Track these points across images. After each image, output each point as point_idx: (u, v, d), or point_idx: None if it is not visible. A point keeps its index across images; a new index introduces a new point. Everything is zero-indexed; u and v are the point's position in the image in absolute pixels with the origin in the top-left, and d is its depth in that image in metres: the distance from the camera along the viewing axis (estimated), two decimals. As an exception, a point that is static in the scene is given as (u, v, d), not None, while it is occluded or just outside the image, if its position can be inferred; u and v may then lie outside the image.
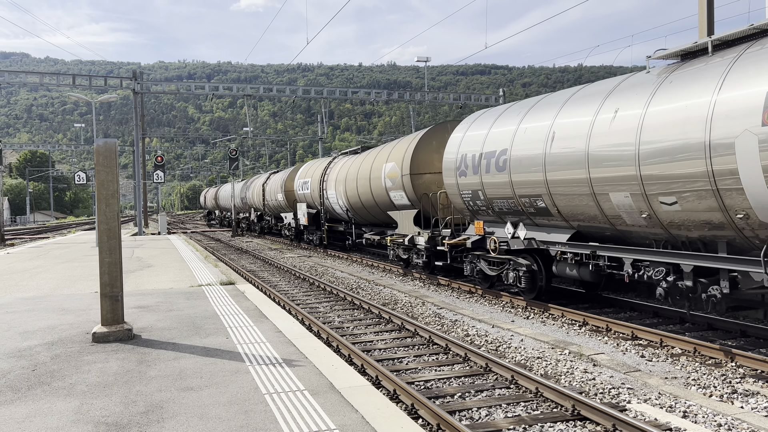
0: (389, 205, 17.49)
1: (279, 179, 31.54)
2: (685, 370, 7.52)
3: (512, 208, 11.60)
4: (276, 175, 33.94)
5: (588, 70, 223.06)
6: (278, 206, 31.94)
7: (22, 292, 11.76)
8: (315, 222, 25.99)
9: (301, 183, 27.08)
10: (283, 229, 32.43)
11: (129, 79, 31.53)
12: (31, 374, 6.00)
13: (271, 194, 32.89)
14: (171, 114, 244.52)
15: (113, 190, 7.40)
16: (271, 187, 33.19)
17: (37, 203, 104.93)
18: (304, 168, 28.27)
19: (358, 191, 19.54)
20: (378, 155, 18.43)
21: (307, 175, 26.49)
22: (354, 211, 20.84)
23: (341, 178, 21.41)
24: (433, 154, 15.70)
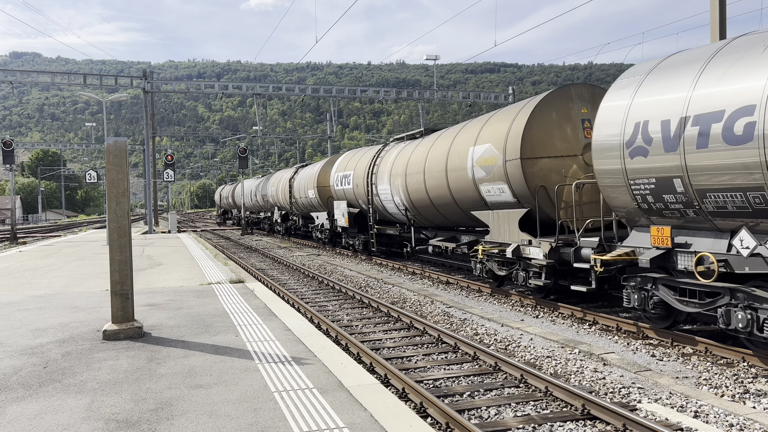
0: (476, 202, 13.24)
1: (310, 173, 27.24)
2: (697, 369, 7.46)
3: (755, 204, 7.10)
4: (306, 168, 29.78)
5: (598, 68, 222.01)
6: (308, 204, 27.87)
7: (34, 289, 11.86)
8: (358, 223, 21.92)
9: (340, 177, 22.78)
10: (313, 231, 28.15)
11: (139, 79, 31.70)
12: (42, 371, 6.04)
13: (300, 190, 28.66)
14: (181, 113, 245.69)
15: (123, 189, 7.44)
16: (300, 183, 29.02)
17: (48, 202, 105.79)
18: (343, 159, 23.70)
19: (425, 185, 15.21)
20: (458, 137, 14.13)
21: (349, 167, 22.09)
22: (416, 211, 16.59)
23: (399, 170, 17.08)
24: (553, 131, 11.38)
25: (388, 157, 18.59)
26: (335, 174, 23.64)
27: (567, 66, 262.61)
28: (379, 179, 18.75)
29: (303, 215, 30.70)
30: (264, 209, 40.34)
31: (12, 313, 9.30)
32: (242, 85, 33.86)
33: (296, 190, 29.73)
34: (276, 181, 35.08)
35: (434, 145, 15.35)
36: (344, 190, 22.32)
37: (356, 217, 21.85)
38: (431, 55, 40.18)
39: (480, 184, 12.77)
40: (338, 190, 23.12)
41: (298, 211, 30.99)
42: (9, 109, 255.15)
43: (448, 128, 16.35)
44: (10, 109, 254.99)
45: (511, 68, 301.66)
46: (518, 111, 11.98)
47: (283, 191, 32.42)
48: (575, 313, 10.63)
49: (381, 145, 21.18)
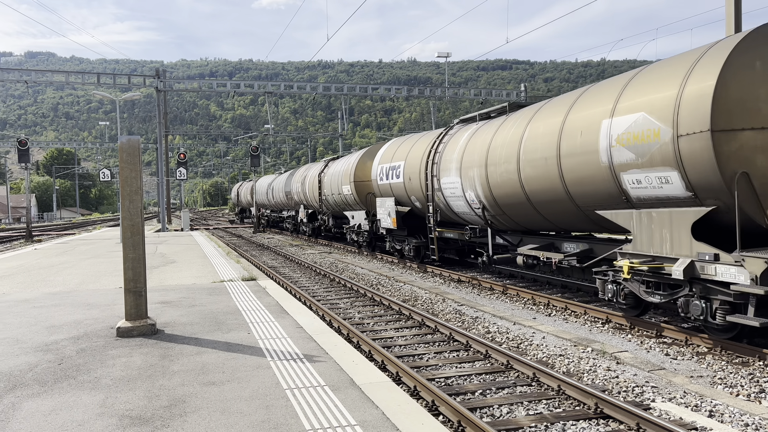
0: (609, 197, 9.53)
1: (344, 167, 23.77)
2: (711, 368, 7.39)
3: None
4: (338, 161, 26.15)
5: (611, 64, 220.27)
6: (341, 202, 24.44)
7: (49, 287, 11.98)
8: (408, 224, 18.52)
9: (386, 169, 19.28)
10: (348, 233, 24.52)
11: (152, 78, 31.90)
12: (57, 368, 6.10)
13: (332, 186, 25.26)
14: (193, 111, 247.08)
15: (137, 187, 7.49)
16: (331, 178, 25.51)
17: (63, 200, 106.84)
18: (389, 147, 19.98)
19: (520, 176, 11.58)
20: (577, 108, 10.23)
21: (397, 158, 18.47)
22: (499, 210, 13.03)
23: (473, 159, 13.53)
24: (759, 90, 7.67)
25: (455, 143, 14.81)
26: (378, 166, 19.96)
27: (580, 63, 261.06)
28: (443, 170, 15.06)
29: (334, 214, 27.24)
30: (288, 207, 36.68)
31: (27, 310, 9.40)
32: (254, 83, 33.97)
33: (326, 186, 26.33)
34: (302, 176, 31.62)
35: (533, 124, 11.50)
36: (391, 185, 18.74)
37: (406, 217, 18.43)
38: (443, 53, 40.08)
39: (623, 173, 8.98)
40: (383, 184, 19.43)
41: (329, 210, 27.36)
42: (24, 108, 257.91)
43: (550, 99, 12.16)
44: (26, 108, 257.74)
45: (523, 65, 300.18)
46: (695, 62, 8.11)
47: (311, 188, 29.06)
48: (588, 311, 10.57)
49: (442, 129, 17.24)
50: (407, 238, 18.63)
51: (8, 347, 6.99)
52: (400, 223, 18.47)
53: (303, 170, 32.67)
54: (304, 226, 32.74)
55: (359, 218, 22.66)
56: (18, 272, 14.76)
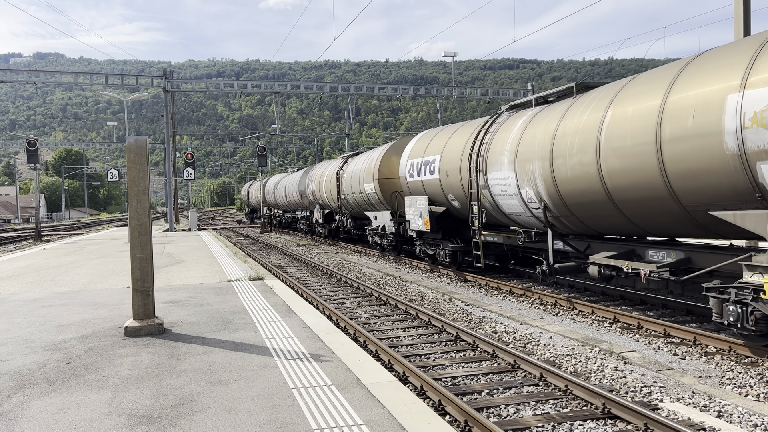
0: (732, 193, 7.72)
1: (366, 163, 21.73)
2: (720, 368, 7.35)
3: None
4: (359, 158, 24.17)
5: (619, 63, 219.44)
6: (363, 202, 22.41)
7: (58, 286, 12.05)
8: (442, 226, 16.31)
9: (417, 165, 17.01)
10: (370, 235, 22.26)
11: (160, 78, 32.03)
12: (65, 367, 6.13)
13: (352, 184, 23.17)
14: (201, 112, 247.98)
15: (144, 187, 7.52)
16: (351, 175, 23.47)
17: (72, 200, 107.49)
18: (420, 140, 17.82)
19: (600, 168, 9.64)
20: (682, 83, 8.38)
21: (432, 151, 16.29)
22: (565, 210, 11.05)
23: (533, 150, 11.52)
24: None
25: (506, 133, 12.69)
26: (408, 162, 17.75)
27: (587, 62, 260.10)
28: (491, 165, 12.90)
29: (354, 215, 25.06)
30: (302, 207, 34.69)
31: (36, 309, 9.46)
32: (261, 83, 34.05)
33: (346, 184, 24.15)
34: (318, 174, 29.45)
35: (617, 106, 9.50)
36: (423, 183, 16.55)
37: (439, 218, 16.22)
38: (449, 52, 40.03)
39: (760, 162, 7.14)
40: (413, 182, 17.27)
41: (348, 210, 25.27)
42: (33, 109, 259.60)
43: (634, 77, 10.11)
44: (34, 109, 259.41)
45: (530, 64, 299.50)
46: None
47: (328, 186, 26.98)
48: (596, 311, 10.53)
49: (486, 118, 14.77)
50: (441, 242, 16.46)
51: (17, 346, 7.03)
52: (433, 224, 16.24)
53: (319, 168, 30.43)
54: (319, 227, 30.76)
55: (383, 219, 20.68)
56: (27, 272, 14.85)
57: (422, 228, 16.81)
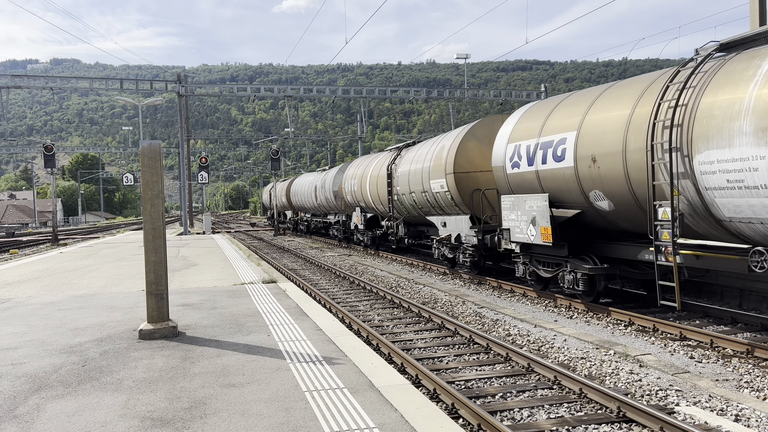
0: None
1: (433, 153, 17.02)
2: (737, 372, 7.25)
3: None
4: (419, 147, 19.28)
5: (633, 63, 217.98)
6: (426, 204, 17.78)
7: (74, 290, 12.18)
8: (568, 236, 11.36)
9: (524, 150, 12.24)
10: (437, 247, 17.49)
11: (174, 83, 32.30)
12: (81, 369, 6.19)
13: (410, 181, 18.60)
14: (215, 116, 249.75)
15: (158, 191, 7.58)
16: (409, 170, 18.84)
17: (88, 204, 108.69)
18: (527, 116, 12.81)
19: None
20: None
21: (556, 127, 11.37)
22: None
23: None
24: None
25: (738, 87, 7.78)
26: (508, 147, 12.80)
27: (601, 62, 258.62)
28: (703, 138, 8.08)
29: (409, 220, 20.59)
30: (336, 210, 30.41)
31: (53, 312, 9.56)
32: (274, 87, 34.21)
33: (401, 181, 19.51)
34: (359, 171, 24.81)
35: None
36: (540, 175, 11.64)
37: (563, 226, 11.30)
38: (462, 54, 39.99)
39: None
40: (518, 174, 12.46)
41: (401, 215, 20.69)
42: (50, 114, 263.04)
43: None
44: (51, 114, 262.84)
45: (543, 65, 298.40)
46: None
47: (374, 185, 22.28)
48: (611, 313, 10.44)
49: (673, 69, 9.25)
50: (568, 261, 11.30)
51: (34, 349, 7.11)
52: (557, 235, 11.30)
53: (360, 163, 25.86)
54: (359, 234, 26.00)
55: (458, 226, 15.93)
56: (44, 275, 15.03)
57: (534, 240, 11.91)
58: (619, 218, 10.22)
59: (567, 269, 11.39)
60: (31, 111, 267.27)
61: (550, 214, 11.42)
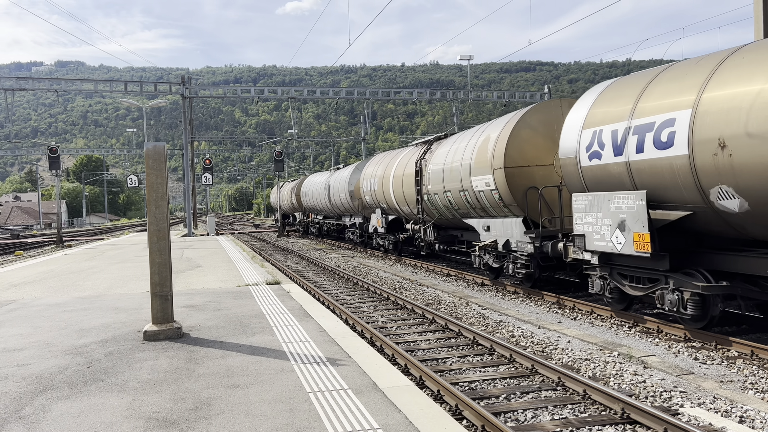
0: None
1: (475, 145, 14.46)
2: (742, 373, 7.23)
3: None
4: (456, 139, 16.47)
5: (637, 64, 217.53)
6: (464, 204, 15.28)
7: (79, 291, 12.22)
8: (674, 245, 9.17)
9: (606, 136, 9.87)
10: (479, 255, 14.90)
11: (178, 85, 32.38)
12: (86, 370, 6.22)
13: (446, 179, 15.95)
14: (218, 118, 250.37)
15: (162, 193, 7.61)
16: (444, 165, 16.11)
17: (92, 206, 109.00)
18: (606, 95, 10.43)
19: None
20: None
21: (654, 107, 9.02)
22: None
23: None
24: None
25: None
26: (582, 133, 10.48)
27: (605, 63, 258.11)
28: None
29: (441, 224, 18.00)
30: (352, 212, 28.33)
31: (58, 314, 9.60)
32: (278, 89, 34.26)
33: (433, 179, 16.81)
34: (380, 169, 22.20)
35: None
36: (632, 167, 9.29)
37: (667, 233, 9.11)
38: (465, 55, 39.99)
39: None
40: (592, 168, 10.23)
41: (431, 217, 18.14)
42: (55, 116, 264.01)
43: None
44: (56, 116, 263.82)
45: (546, 67, 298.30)
46: None
47: (399, 184, 19.83)
48: (614, 315, 10.42)
49: None
50: (671, 277, 9.07)
51: (39, 350, 7.15)
52: (656, 244, 8.97)
53: (380, 160, 23.30)
54: (379, 238, 23.68)
55: (506, 230, 13.53)
56: (49, 277, 15.08)
57: (623, 249, 9.50)
58: (753, 222, 7.76)
59: (668, 287, 9.07)
60: (36, 113, 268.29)
61: (647, 217, 8.99)
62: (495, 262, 14.30)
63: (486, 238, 14.48)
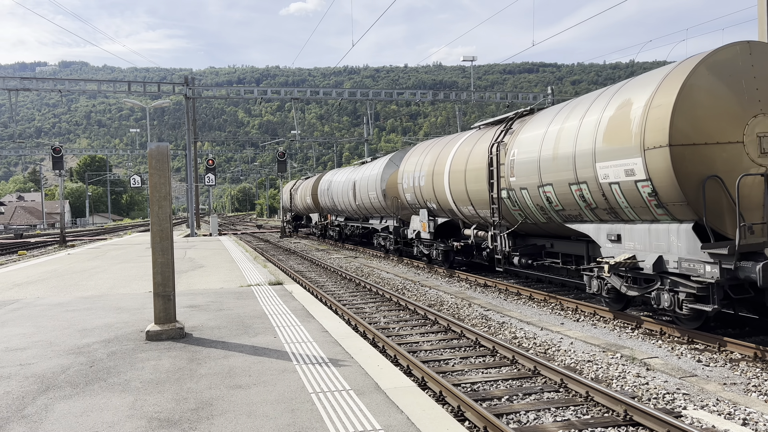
0: None
1: (591, 121, 10.26)
2: (745, 375, 7.21)
3: None
4: (546, 115, 12.35)
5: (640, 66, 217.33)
6: (571, 204, 11.00)
7: (81, 291, 12.24)
8: None
9: None
10: (601, 277, 10.43)
11: (181, 85, 32.44)
12: (89, 370, 6.22)
13: (542, 170, 11.57)
14: (222, 118, 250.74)
15: (165, 193, 7.61)
16: (542, 152, 11.59)
17: (95, 206, 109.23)
18: None
19: None
20: None
21: None
22: None
23: None
24: None
25: None
26: None
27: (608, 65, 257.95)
28: None
29: (527, 229, 13.49)
30: (382, 214, 24.52)
31: (61, 313, 9.62)
32: (281, 90, 34.31)
33: (519, 170, 12.38)
34: (428, 161, 18.07)
35: None
36: None
37: None
38: (468, 57, 39.98)
39: None
40: None
41: (515, 221, 13.36)
42: (58, 116, 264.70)
43: None
44: (60, 116, 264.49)
45: (549, 68, 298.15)
46: None
47: (459, 178, 15.53)
48: (617, 316, 10.40)
49: None
50: None
51: (42, 350, 7.16)
52: None
53: (427, 150, 18.93)
54: (422, 245, 19.49)
55: (655, 242, 9.25)
56: (52, 277, 15.11)
57: None
58: None
59: None
60: (40, 113, 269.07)
61: None
62: (632, 289, 9.70)
63: (614, 252, 10.04)
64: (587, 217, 10.82)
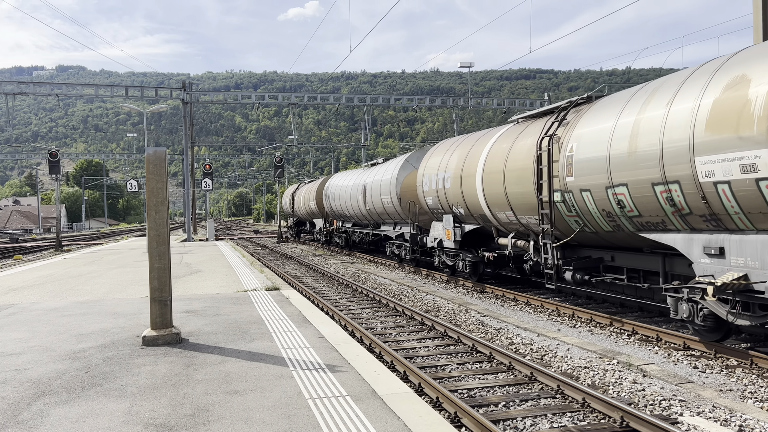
0: None
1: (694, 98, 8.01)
2: (741, 382, 7.22)
3: None
4: (618, 100, 10.00)
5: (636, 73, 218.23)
6: (654, 209, 8.88)
7: (77, 296, 12.20)
8: None
9: None
10: (704, 299, 8.16)
11: (179, 90, 32.45)
12: (84, 375, 6.20)
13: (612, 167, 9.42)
14: (219, 123, 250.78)
15: (162, 198, 7.61)
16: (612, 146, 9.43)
17: (92, 210, 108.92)
18: None
19: None
20: None
21: None
22: None
23: None
24: None
25: None
26: None
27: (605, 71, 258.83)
28: None
29: (581, 239, 11.44)
30: (396, 220, 22.59)
31: (57, 318, 9.58)
32: (278, 95, 34.33)
33: (580, 167, 10.27)
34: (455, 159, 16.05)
35: None
36: None
37: None
38: (465, 63, 40.12)
39: None
40: None
41: (570, 230, 11.26)
42: (55, 120, 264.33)
43: None
44: (57, 120, 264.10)
45: (546, 74, 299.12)
46: None
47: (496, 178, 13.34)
48: (614, 322, 10.42)
49: None
50: None
51: (38, 355, 7.13)
52: None
53: (455, 147, 16.72)
54: (446, 255, 17.21)
55: None
56: (48, 281, 15.06)
57: None
58: None
59: None
60: (37, 117, 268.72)
61: None
62: (742, 317, 7.84)
63: (714, 269, 8.08)
64: (673, 225, 8.77)
